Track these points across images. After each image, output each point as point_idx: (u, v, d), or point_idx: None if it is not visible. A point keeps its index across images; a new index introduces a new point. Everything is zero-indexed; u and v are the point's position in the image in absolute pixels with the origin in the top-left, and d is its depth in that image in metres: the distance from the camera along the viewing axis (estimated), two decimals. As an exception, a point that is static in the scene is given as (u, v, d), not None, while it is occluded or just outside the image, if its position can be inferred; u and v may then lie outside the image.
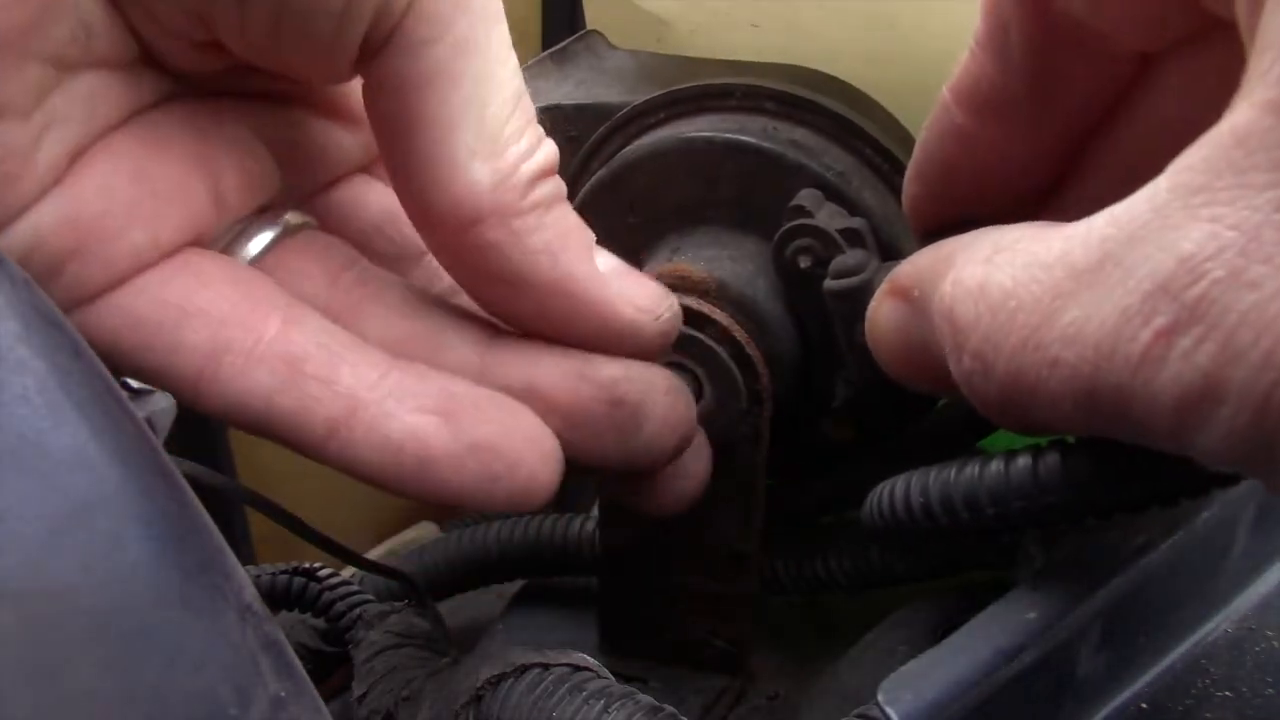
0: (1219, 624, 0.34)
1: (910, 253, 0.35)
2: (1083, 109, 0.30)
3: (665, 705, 0.32)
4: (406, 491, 0.30)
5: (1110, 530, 0.30)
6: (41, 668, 0.18)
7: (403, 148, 0.29)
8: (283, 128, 0.34)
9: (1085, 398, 0.22)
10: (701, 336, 0.37)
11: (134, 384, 0.31)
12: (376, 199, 0.36)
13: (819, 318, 0.38)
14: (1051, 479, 0.27)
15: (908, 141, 0.41)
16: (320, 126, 0.35)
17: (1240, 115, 0.19)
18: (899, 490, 0.30)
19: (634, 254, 0.42)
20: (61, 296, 0.29)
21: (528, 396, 0.31)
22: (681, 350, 0.38)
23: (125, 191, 0.29)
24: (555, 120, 0.45)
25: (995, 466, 0.28)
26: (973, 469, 0.28)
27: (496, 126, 0.29)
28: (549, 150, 0.31)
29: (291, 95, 0.34)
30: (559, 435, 0.31)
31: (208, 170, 0.31)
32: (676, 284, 0.39)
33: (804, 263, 0.37)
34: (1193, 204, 0.20)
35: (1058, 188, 0.32)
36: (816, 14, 0.48)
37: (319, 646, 0.45)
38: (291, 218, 0.33)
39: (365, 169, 0.37)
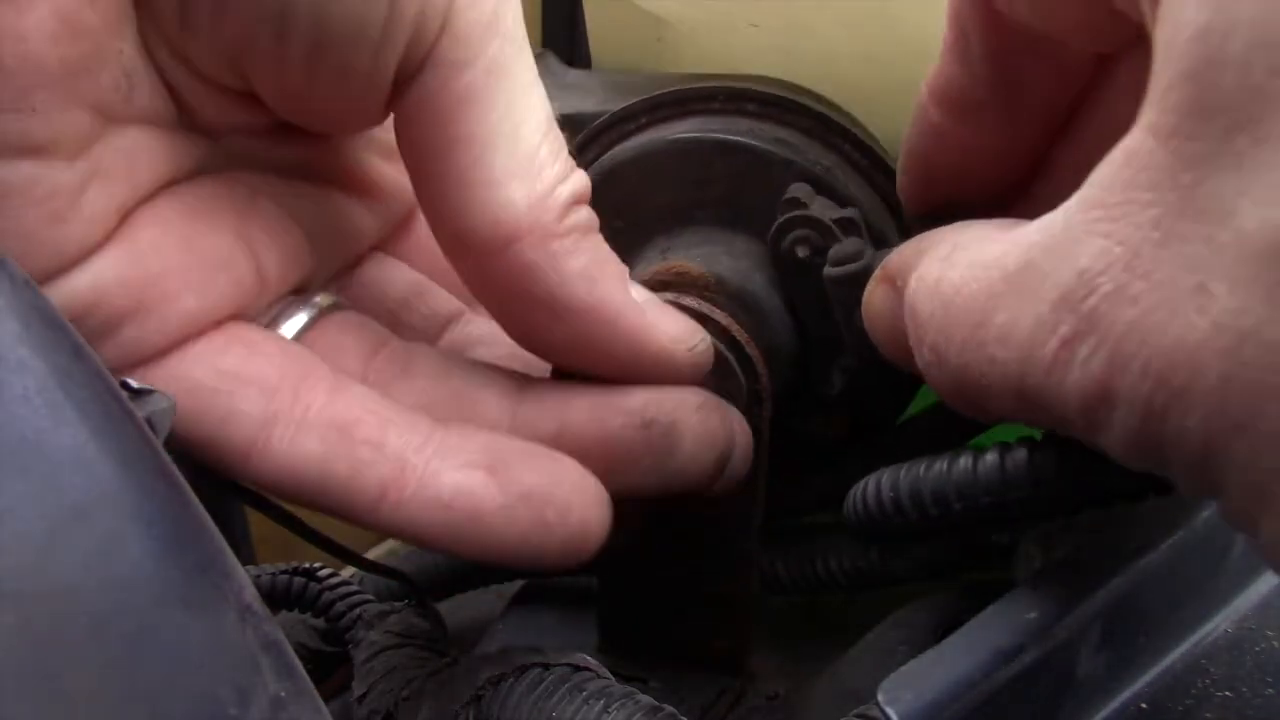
0: (1219, 624, 0.34)
1: (896, 244, 0.36)
2: (1046, 107, 0.31)
3: (665, 705, 0.32)
4: (460, 549, 0.30)
5: (1110, 530, 0.30)
6: (41, 668, 0.18)
7: (438, 171, 0.29)
8: (311, 205, 0.34)
9: (1017, 395, 0.23)
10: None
11: (134, 384, 0.31)
12: (400, 275, 0.37)
13: (816, 308, 0.38)
14: (1018, 474, 0.28)
15: (878, 144, 0.42)
16: (343, 203, 0.35)
17: (1132, 136, 0.21)
18: (872, 486, 0.31)
19: (621, 258, 0.42)
20: (114, 357, 0.29)
21: (560, 439, 0.31)
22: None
23: (177, 257, 0.29)
24: None
25: (964, 462, 0.29)
26: (942, 465, 0.29)
27: (531, 148, 0.29)
28: (582, 178, 0.31)
29: (316, 170, 0.35)
30: (597, 473, 0.31)
31: (249, 245, 0.31)
32: (674, 280, 0.39)
33: (802, 252, 0.38)
34: (1090, 218, 0.21)
35: (1033, 179, 0.33)
36: (816, 14, 0.48)
37: (319, 646, 0.45)
38: (323, 299, 0.34)
39: (382, 246, 0.38)
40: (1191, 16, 0.19)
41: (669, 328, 0.32)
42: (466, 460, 0.30)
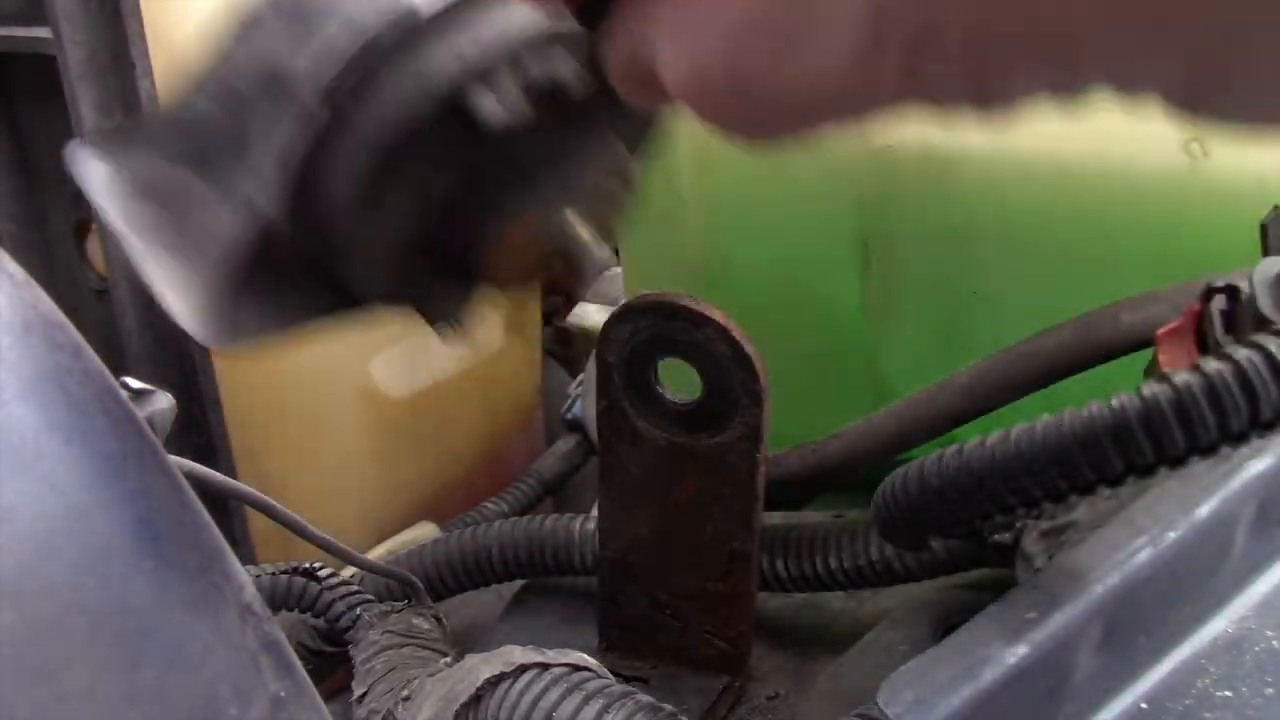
0: (1219, 624, 0.34)
1: None
2: None
3: (665, 705, 0.32)
4: None
5: (1110, 530, 0.30)
6: (41, 668, 0.18)
7: None
8: None
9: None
10: (699, 336, 0.37)
11: (134, 384, 0.31)
12: None
13: None
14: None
15: None
16: None
17: None
18: (929, 468, 0.30)
19: None
20: None
21: None
22: (680, 350, 0.38)
23: None
24: None
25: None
26: (1020, 436, 0.29)
27: None
28: None
29: None
30: None
31: None
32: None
33: None
34: None
35: None
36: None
37: (319, 646, 0.45)
38: None
39: None
40: None
41: None
42: None
